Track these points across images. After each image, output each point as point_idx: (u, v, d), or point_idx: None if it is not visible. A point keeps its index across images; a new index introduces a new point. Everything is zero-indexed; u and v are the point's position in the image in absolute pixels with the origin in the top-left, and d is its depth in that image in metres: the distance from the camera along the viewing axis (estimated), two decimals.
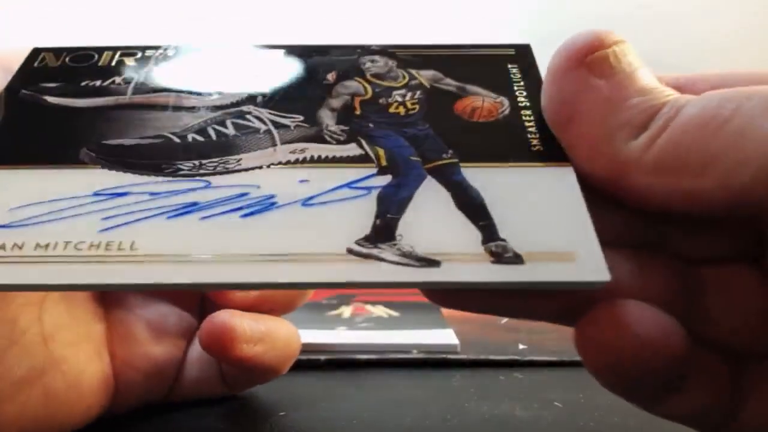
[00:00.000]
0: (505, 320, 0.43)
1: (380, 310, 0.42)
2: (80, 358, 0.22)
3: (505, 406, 0.26)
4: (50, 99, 0.19)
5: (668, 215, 0.16)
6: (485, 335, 0.38)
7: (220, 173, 0.17)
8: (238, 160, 0.17)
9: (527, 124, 0.18)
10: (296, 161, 0.17)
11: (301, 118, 0.18)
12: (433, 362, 0.32)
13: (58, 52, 0.21)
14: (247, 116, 0.18)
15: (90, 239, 0.16)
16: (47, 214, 0.16)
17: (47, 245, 0.15)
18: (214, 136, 0.18)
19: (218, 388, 0.26)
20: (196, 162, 0.17)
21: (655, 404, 0.17)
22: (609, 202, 0.16)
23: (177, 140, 0.18)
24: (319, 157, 0.17)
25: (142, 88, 0.19)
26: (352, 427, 0.23)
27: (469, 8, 0.84)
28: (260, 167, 0.17)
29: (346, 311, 0.42)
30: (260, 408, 0.25)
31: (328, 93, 0.19)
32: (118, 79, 0.20)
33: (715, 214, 0.15)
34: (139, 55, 0.21)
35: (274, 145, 0.18)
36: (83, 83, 0.20)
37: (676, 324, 0.15)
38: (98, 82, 0.20)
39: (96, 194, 0.16)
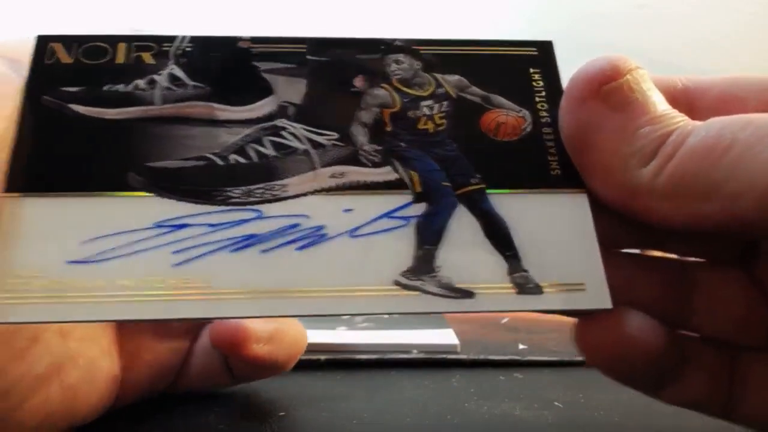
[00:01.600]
0: (505, 320, 0.43)
1: None
2: (94, 353, 0.22)
3: (505, 406, 0.26)
4: (76, 108, 0.19)
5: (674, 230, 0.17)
6: (485, 335, 0.38)
7: (269, 201, 0.18)
8: (283, 186, 0.18)
9: (548, 143, 0.19)
10: (337, 187, 0.18)
11: (336, 135, 0.19)
12: (433, 362, 0.32)
13: (66, 42, 0.20)
14: (283, 133, 0.19)
15: (168, 276, 0.17)
16: (118, 248, 0.17)
17: (129, 283, 0.16)
18: (255, 158, 0.18)
19: (222, 379, 0.26)
20: (244, 188, 0.18)
21: (657, 391, 0.19)
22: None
23: (220, 162, 0.18)
24: (358, 182, 0.18)
25: (170, 96, 0.19)
26: (352, 427, 0.23)
27: (469, 7, 0.83)
28: (305, 194, 0.18)
29: None
30: (260, 408, 0.25)
31: (357, 103, 0.20)
32: (141, 83, 0.19)
33: (719, 233, 0.16)
34: (156, 49, 0.20)
35: (314, 168, 0.18)
36: (106, 87, 0.19)
37: (658, 327, 0.17)
38: (121, 86, 0.19)
39: (158, 226, 0.17)
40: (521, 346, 0.36)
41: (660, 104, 0.17)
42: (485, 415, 0.25)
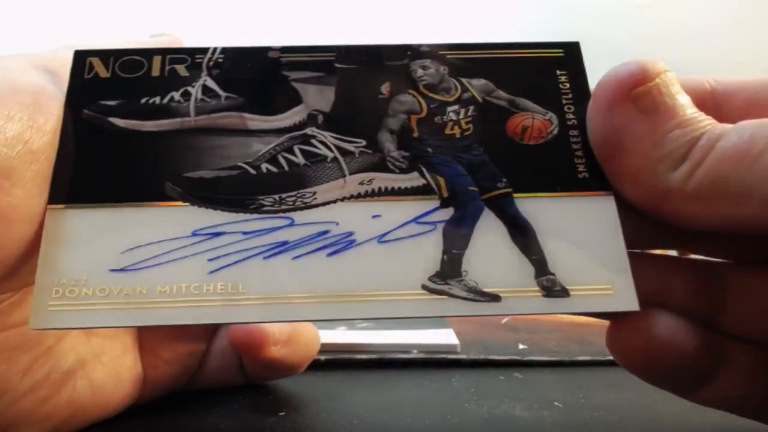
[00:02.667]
0: (505, 320, 0.43)
1: None
2: (117, 351, 0.23)
3: (505, 406, 0.26)
4: (115, 121, 0.19)
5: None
6: (485, 335, 0.38)
7: (300, 209, 0.18)
8: (313, 194, 0.19)
9: (575, 146, 0.20)
10: (366, 194, 0.19)
11: (364, 143, 0.19)
12: (433, 362, 0.32)
13: (103, 57, 0.21)
14: (312, 141, 0.19)
15: (204, 282, 0.17)
16: (156, 256, 0.17)
17: (168, 289, 0.17)
18: (285, 166, 0.19)
19: (237, 378, 0.27)
20: (276, 197, 0.18)
21: (692, 393, 0.19)
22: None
23: (252, 171, 0.19)
24: (386, 189, 0.19)
25: (204, 107, 0.20)
26: (352, 427, 0.23)
27: (467, 8, 0.83)
28: (334, 201, 0.19)
29: None
30: (260, 408, 0.26)
31: (384, 110, 0.20)
32: (176, 95, 0.20)
33: (751, 235, 0.16)
34: (189, 61, 0.21)
35: (343, 175, 0.19)
36: (143, 100, 0.20)
37: (690, 328, 0.17)
38: (157, 99, 0.20)
39: (194, 234, 0.18)
40: (521, 346, 0.36)
41: (688, 107, 0.18)
42: (485, 415, 0.25)
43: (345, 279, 0.17)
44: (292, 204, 0.18)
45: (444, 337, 0.36)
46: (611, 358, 0.33)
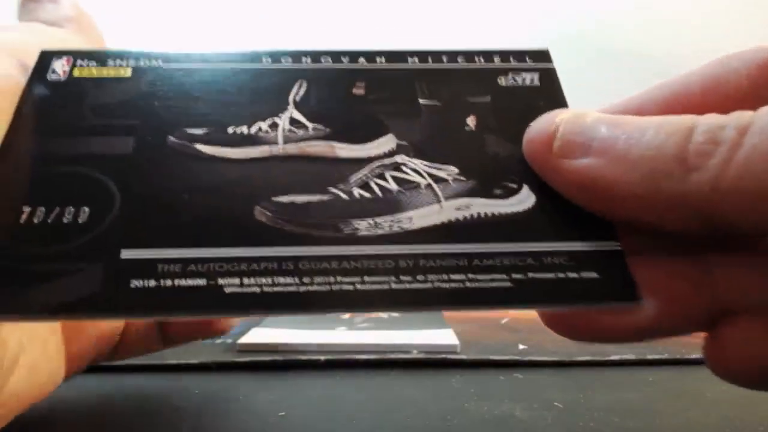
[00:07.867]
0: (505, 320, 0.43)
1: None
2: (47, 332, 0.22)
3: (505, 406, 0.26)
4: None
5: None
6: (485, 335, 0.38)
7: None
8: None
9: None
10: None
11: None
12: (433, 362, 0.32)
13: None
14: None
15: None
16: None
17: None
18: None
19: (157, 345, 0.27)
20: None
21: None
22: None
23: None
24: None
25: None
26: (352, 427, 0.23)
27: (468, 11, 0.83)
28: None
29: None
30: (260, 408, 0.25)
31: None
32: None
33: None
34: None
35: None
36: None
37: None
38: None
39: None
40: (521, 346, 0.36)
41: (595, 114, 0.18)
42: (485, 416, 0.25)
43: None
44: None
45: (444, 337, 0.36)
46: (611, 358, 0.33)
